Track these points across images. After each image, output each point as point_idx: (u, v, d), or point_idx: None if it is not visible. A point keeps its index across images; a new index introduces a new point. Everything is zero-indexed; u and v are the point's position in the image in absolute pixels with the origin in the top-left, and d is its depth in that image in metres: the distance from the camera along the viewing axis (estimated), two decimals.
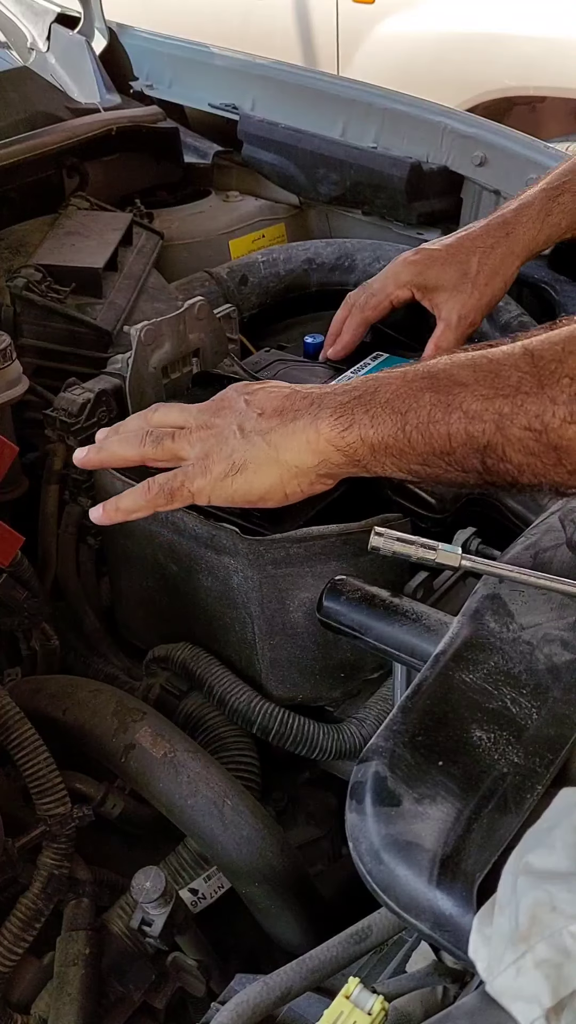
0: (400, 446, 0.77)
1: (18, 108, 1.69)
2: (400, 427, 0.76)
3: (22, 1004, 0.94)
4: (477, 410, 0.72)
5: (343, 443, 0.80)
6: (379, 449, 0.78)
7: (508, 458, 0.72)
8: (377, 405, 0.78)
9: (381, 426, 0.77)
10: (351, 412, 0.79)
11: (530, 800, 0.62)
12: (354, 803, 0.64)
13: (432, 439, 0.75)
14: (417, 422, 0.75)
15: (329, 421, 0.80)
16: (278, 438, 0.83)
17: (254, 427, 0.84)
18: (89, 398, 1.22)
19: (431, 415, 0.74)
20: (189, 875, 1.02)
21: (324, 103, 1.78)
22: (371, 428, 0.78)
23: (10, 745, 0.95)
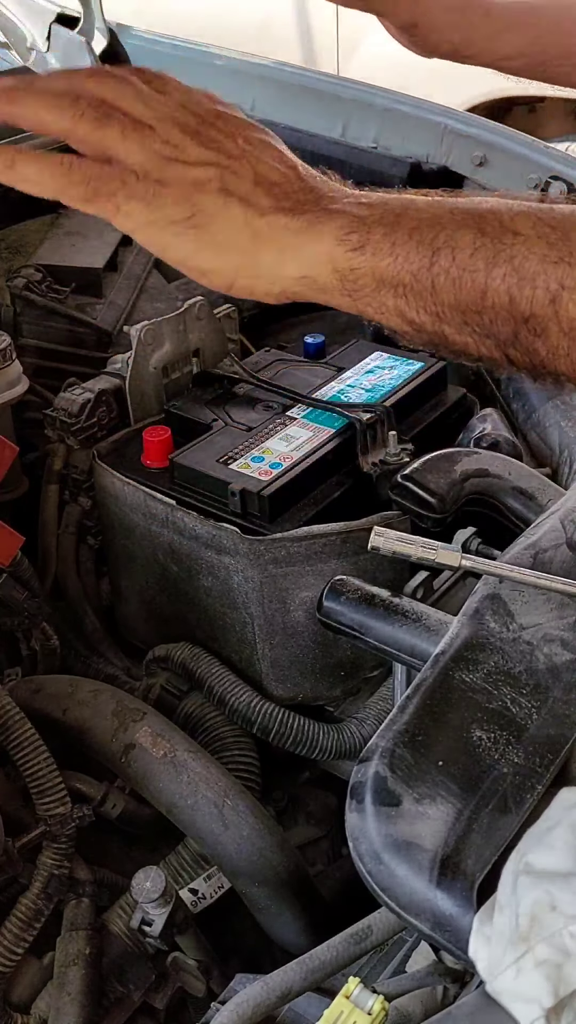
0: (418, 288, 0.61)
1: None
2: (426, 265, 0.61)
3: (22, 1004, 0.94)
4: (531, 271, 0.59)
5: (345, 265, 0.62)
6: (387, 283, 0.62)
7: (548, 336, 0.59)
8: (402, 230, 0.61)
9: (402, 257, 0.61)
10: (368, 230, 0.62)
11: (530, 800, 0.62)
12: (354, 803, 0.64)
13: (462, 289, 0.60)
14: (449, 265, 0.60)
15: (337, 233, 0.62)
16: (264, 226, 0.63)
17: (243, 193, 0.63)
18: (89, 398, 1.22)
19: (471, 260, 0.60)
20: (189, 875, 1.02)
21: (324, 103, 1.78)
22: (389, 256, 0.61)
23: (10, 745, 0.95)
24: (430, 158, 1.66)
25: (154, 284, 1.54)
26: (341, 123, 1.76)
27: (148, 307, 1.48)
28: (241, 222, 0.63)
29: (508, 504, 1.07)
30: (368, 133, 1.73)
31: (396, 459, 1.12)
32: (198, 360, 1.29)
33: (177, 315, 1.25)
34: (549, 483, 0.99)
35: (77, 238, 1.52)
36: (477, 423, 1.23)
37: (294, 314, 1.67)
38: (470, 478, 1.01)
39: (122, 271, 1.51)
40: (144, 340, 1.21)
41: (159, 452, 1.15)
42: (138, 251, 1.58)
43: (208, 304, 1.28)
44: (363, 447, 1.13)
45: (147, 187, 0.62)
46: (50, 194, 0.63)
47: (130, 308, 1.46)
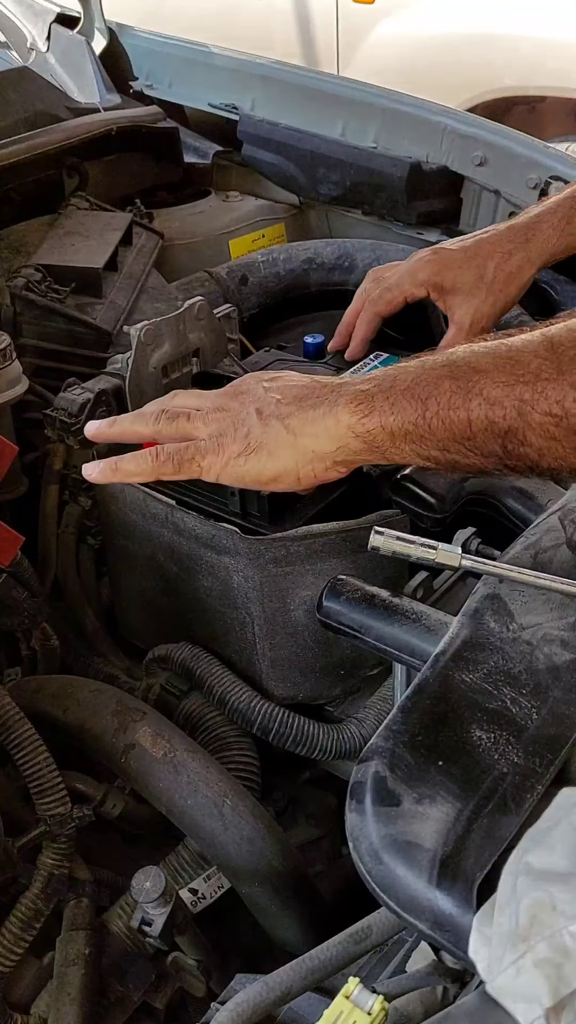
0: (420, 432, 0.78)
1: (18, 108, 1.69)
2: (420, 413, 0.77)
3: (22, 1004, 0.94)
4: (497, 396, 0.74)
5: (363, 429, 0.81)
6: (399, 435, 0.79)
7: (529, 442, 0.74)
8: (397, 392, 0.79)
9: (401, 413, 0.78)
10: (371, 399, 0.80)
11: (530, 800, 0.62)
12: (354, 803, 0.64)
13: (452, 425, 0.76)
14: (437, 408, 0.77)
15: (349, 408, 0.81)
16: (296, 423, 0.84)
17: (273, 411, 0.85)
18: (89, 398, 1.22)
19: (451, 401, 0.76)
20: (189, 875, 1.02)
21: (324, 103, 1.78)
22: (391, 415, 0.79)
23: (10, 745, 0.95)
24: (430, 158, 1.66)
25: (154, 284, 1.54)
26: (341, 123, 1.76)
27: (148, 307, 1.48)
28: (281, 429, 0.85)
29: (507, 504, 1.07)
30: (368, 133, 1.74)
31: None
32: (198, 360, 1.29)
33: (177, 315, 1.25)
34: (549, 483, 0.99)
35: (77, 238, 1.53)
36: None
37: (294, 314, 1.67)
38: (470, 478, 1.01)
39: (122, 271, 1.51)
40: (144, 340, 1.21)
41: None
42: (138, 251, 1.58)
43: (208, 304, 1.28)
44: None
45: (211, 443, 0.87)
46: (149, 477, 0.91)
47: (130, 308, 1.46)
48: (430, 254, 1.24)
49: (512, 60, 3.17)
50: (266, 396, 0.87)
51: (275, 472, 0.87)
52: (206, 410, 0.90)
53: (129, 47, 2.04)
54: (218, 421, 0.88)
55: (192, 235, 1.75)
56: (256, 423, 0.86)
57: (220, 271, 1.60)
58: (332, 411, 0.82)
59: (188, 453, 0.88)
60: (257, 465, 0.86)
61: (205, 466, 0.88)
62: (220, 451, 0.87)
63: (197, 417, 0.90)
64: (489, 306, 1.21)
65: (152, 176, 1.85)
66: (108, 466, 0.92)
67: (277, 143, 1.77)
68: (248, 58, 1.93)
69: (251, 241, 1.81)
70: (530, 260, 1.21)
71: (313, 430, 0.84)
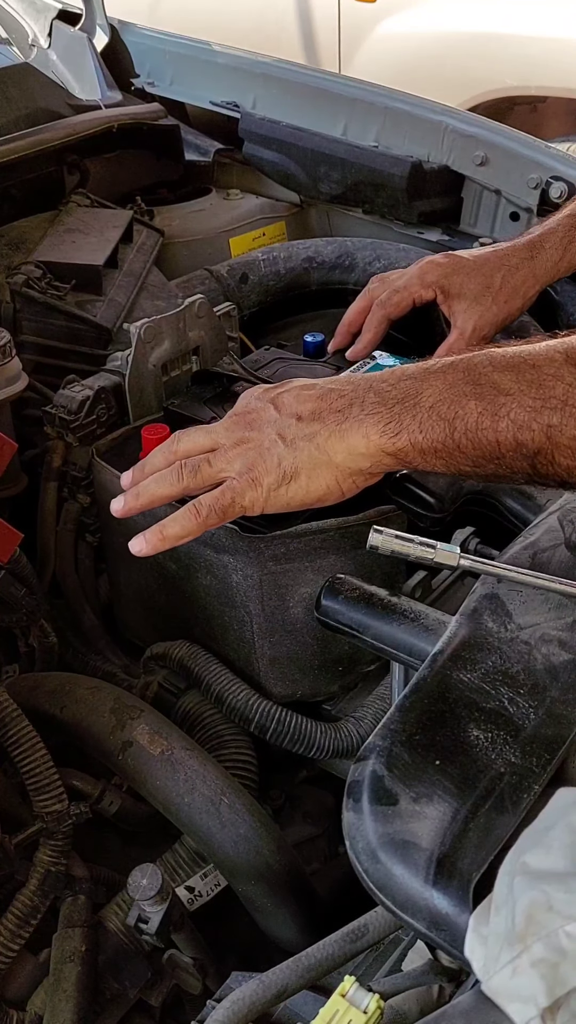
0: (449, 450, 0.78)
1: (19, 104, 1.69)
2: (448, 434, 0.78)
3: (18, 1000, 0.94)
4: (525, 420, 0.74)
5: (393, 448, 0.80)
6: (429, 452, 0.79)
7: (558, 463, 0.75)
8: (423, 411, 0.79)
9: (430, 432, 0.78)
10: (399, 418, 0.80)
11: (527, 800, 0.62)
12: (351, 802, 0.64)
13: (481, 445, 0.77)
14: (465, 428, 0.77)
15: (377, 428, 0.80)
16: (327, 443, 0.83)
17: (297, 433, 0.84)
18: (88, 395, 1.22)
19: (479, 423, 0.76)
20: (186, 873, 1.02)
21: (325, 101, 1.78)
22: (420, 434, 0.79)
23: (7, 742, 0.95)
24: (431, 157, 1.66)
25: (154, 281, 1.54)
26: (342, 122, 1.76)
27: (148, 305, 1.48)
28: (312, 450, 0.83)
29: (506, 504, 1.07)
30: (369, 132, 1.74)
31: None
32: (198, 358, 1.29)
33: (177, 313, 1.25)
34: None
35: (77, 235, 1.52)
36: None
37: (294, 313, 1.67)
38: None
39: (122, 268, 1.51)
40: (144, 338, 1.21)
41: None
42: (138, 249, 1.58)
43: (208, 302, 1.28)
44: None
45: (244, 480, 0.85)
46: (198, 533, 0.88)
47: (130, 305, 1.46)
48: (441, 258, 1.25)
49: (513, 60, 3.17)
50: (282, 419, 0.85)
51: (320, 492, 0.85)
52: (223, 447, 0.87)
53: (130, 44, 2.03)
54: (242, 456, 0.86)
55: (193, 233, 1.75)
56: (284, 449, 0.84)
57: (220, 269, 1.60)
58: (360, 428, 0.81)
59: (226, 498, 0.86)
60: (300, 490, 0.85)
61: (248, 504, 0.86)
62: (256, 485, 0.85)
63: (218, 458, 0.87)
64: (492, 315, 1.21)
65: (153, 173, 1.85)
66: (155, 536, 0.89)
67: (278, 141, 1.77)
68: (250, 56, 1.93)
69: (251, 239, 1.81)
70: (535, 275, 1.22)
71: (344, 447, 0.82)
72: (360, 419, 0.81)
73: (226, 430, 0.88)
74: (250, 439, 0.86)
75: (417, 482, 1.02)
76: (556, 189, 1.49)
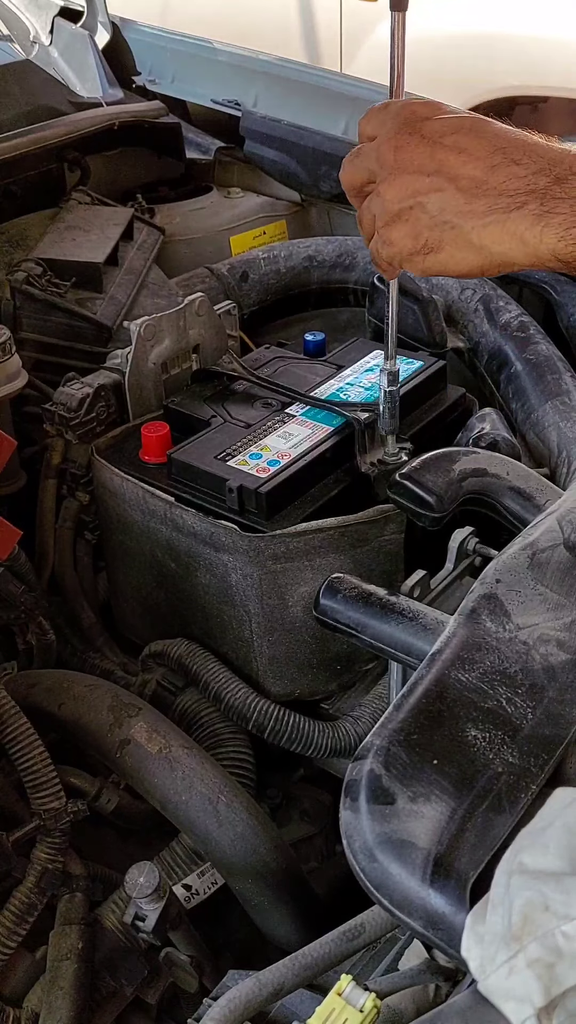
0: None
1: (20, 101, 1.69)
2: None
3: (14, 998, 0.94)
4: None
5: (570, 255, 0.69)
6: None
7: None
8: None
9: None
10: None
11: (524, 800, 0.62)
12: (348, 801, 0.64)
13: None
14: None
15: (558, 232, 0.68)
16: (488, 235, 0.71)
17: (457, 209, 0.72)
18: (88, 393, 1.22)
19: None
20: (183, 871, 1.02)
21: (327, 100, 1.78)
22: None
23: (5, 739, 0.95)
24: None
25: (154, 279, 1.54)
26: (343, 120, 1.76)
27: (148, 302, 1.48)
28: (466, 234, 0.72)
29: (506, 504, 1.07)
30: None
31: (394, 459, 1.12)
32: (197, 356, 1.29)
33: (177, 311, 1.25)
34: (547, 483, 0.99)
35: (78, 232, 1.52)
36: (476, 422, 1.23)
37: (294, 311, 1.67)
38: (468, 477, 1.01)
39: (122, 266, 1.51)
40: (144, 336, 1.21)
41: (157, 448, 1.15)
42: (139, 246, 1.58)
43: (208, 300, 1.28)
44: (361, 447, 1.13)
45: (382, 236, 0.77)
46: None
47: (130, 303, 1.46)
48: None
49: (515, 60, 3.17)
50: (442, 182, 0.73)
51: (459, 271, 0.75)
52: (379, 172, 0.78)
53: (132, 42, 2.03)
54: (385, 202, 0.76)
55: (193, 231, 1.75)
56: (427, 224, 0.74)
57: (221, 267, 1.60)
58: (535, 226, 0.68)
59: (376, 255, 0.79)
60: (438, 265, 0.75)
61: (387, 262, 0.78)
62: (391, 245, 0.76)
63: (375, 193, 0.78)
64: None
65: (154, 171, 1.85)
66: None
67: (279, 140, 1.77)
68: (251, 54, 1.93)
69: (252, 238, 1.81)
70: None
71: (507, 241, 0.70)
72: (538, 215, 0.69)
73: (378, 163, 0.78)
74: (391, 187, 0.76)
75: (416, 481, 1.02)
76: None
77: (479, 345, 1.43)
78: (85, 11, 2.01)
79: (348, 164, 0.82)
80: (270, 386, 1.22)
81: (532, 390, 1.30)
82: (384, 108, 0.80)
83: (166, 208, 1.77)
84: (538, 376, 1.31)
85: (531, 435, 1.27)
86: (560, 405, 1.25)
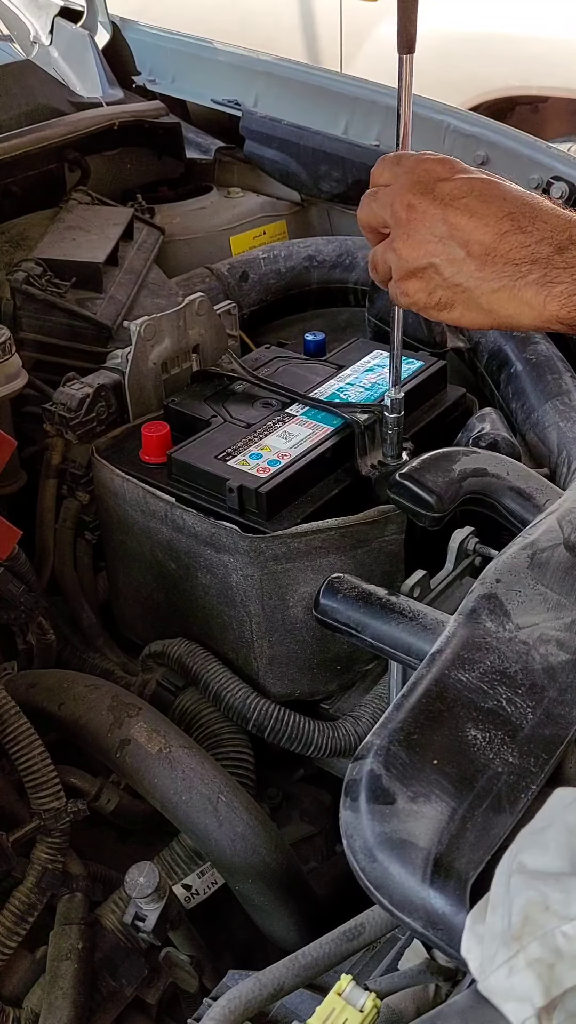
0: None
1: (20, 101, 1.69)
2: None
3: (14, 998, 0.94)
4: None
5: (572, 320, 0.73)
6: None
7: None
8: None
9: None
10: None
11: (524, 800, 0.62)
12: (348, 800, 0.64)
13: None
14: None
15: (561, 299, 0.72)
16: (496, 300, 0.75)
17: (468, 275, 0.76)
18: (88, 393, 1.22)
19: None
20: (183, 871, 1.02)
21: (327, 100, 1.78)
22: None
23: (5, 739, 0.95)
24: None
25: (155, 279, 1.54)
26: (344, 120, 1.76)
27: (148, 302, 1.48)
28: (475, 298, 0.76)
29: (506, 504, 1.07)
30: (370, 131, 1.73)
31: (394, 461, 1.12)
32: (198, 356, 1.29)
33: (177, 311, 1.25)
34: (547, 483, 0.99)
35: (78, 232, 1.52)
36: (476, 422, 1.23)
37: (294, 311, 1.66)
38: (468, 477, 1.01)
39: (123, 266, 1.51)
40: (144, 335, 1.21)
41: (158, 448, 1.15)
42: (139, 246, 1.58)
43: (208, 300, 1.28)
44: (361, 449, 1.13)
45: (399, 286, 0.81)
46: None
47: (130, 303, 1.46)
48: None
49: (515, 60, 3.17)
50: (453, 245, 0.76)
51: (468, 325, 0.79)
52: (392, 220, 0.80)
53: (132, 42, 2.03)
54: (399, 257, 0.80)
55: (193, 231, 1.75)
56: (439, 283, 0.78)
57: (221, 267, 1.60)
58: (540, 294, 0.73)
59: (393, 292, 0.82)
60: (448, 318, 0.79)
61: (405, 305, 0.82)
62: (407, 295, 0.80)
63: (388, 240, 0.81)
64: None
65: (154, 171, 1.85)
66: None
67: (279, 140, 1.77)
68: (251, 54, 1.93)
69: (252, 238, 1.81)
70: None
71: (514, 306, 0.74)
72: (541, 284, 0.73)
73: (398, 197, 0.80)
74: (406, 246, 0.79)
75: (417, 481, 1.02)
76: (557, 189, 1.49)
77: (479, 345, 1.43)
78: (85, 11, 2.01)
79: (364, 206, 0.85)
80: (270, 386, 1.22)
81: (532, 390, 1.30)
82: (397, 161, 0.83)
83: (166, 208, 1.77)
84: (538, 376, 1.31)
85: (531, 435, 1.27)
86: (560, 405, 1.25)
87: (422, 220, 0.78)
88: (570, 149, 2.70)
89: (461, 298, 0.78)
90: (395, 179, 0.81)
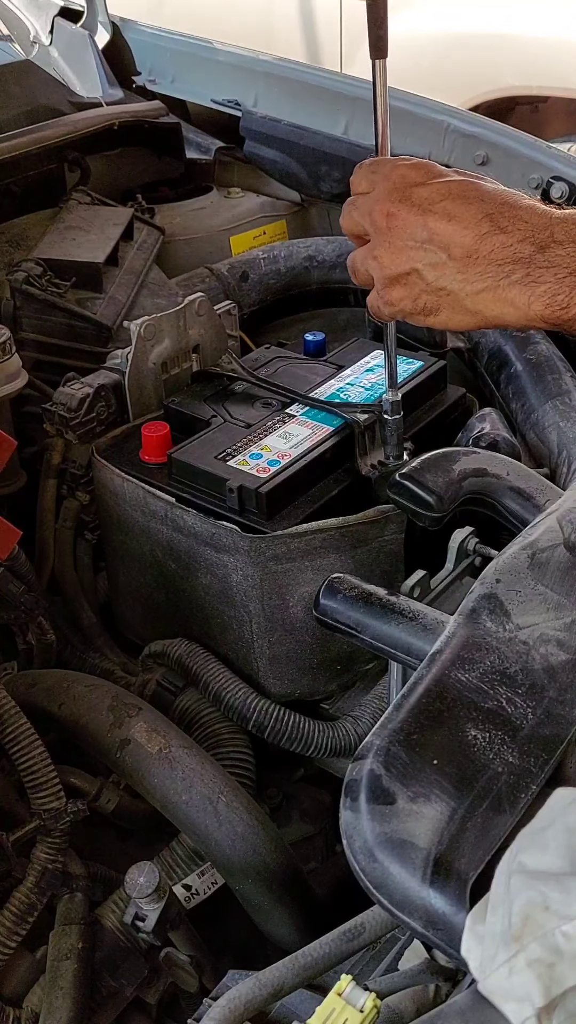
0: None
1: (20, 101, 1.69)
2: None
3: (14, 998, 0.94)
4: None
5: (555, 319, 0.73)
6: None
7: None
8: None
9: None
10: (569, 293, 0.72)
11: (524, 800, 0.62)
12: (348, 800, 0.64)
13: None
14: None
15: (543, 299, 0.72)
16: (481, 301, 0.75)
17: (451, 278, 0.76)
18: (88, 393, 1.22)
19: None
20: (183, 871, 1.02)
21: (327, 100, 1.78)
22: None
23: (5, 739, 0.95)
24: (432, 156, 1.65)
25: (155, 279, 1.54)
26: (344, 120, 1.76)
27: (148, 302, 1.48)
28: (460, 300, 0.76)
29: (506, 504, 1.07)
30: (371, 131, 1.72)
31: (394, 461, 1.12)
32: (198, 356, 1.29)
33: (177, 311, 1.25)
34: (547, 483, 0.99)
35: (78, 232, 1.52)
36: (476, 422, 1.23)
37: (294, 311, 1.66)
38: (468, 477, 1.01)
39: (123, 266, 1.51)
40: (144, 336, 1.21)
41: (158, 448, 1.15)
42: (139, 246, 1.58)
43: (208, 300, 1.28)
44: (361, 450, 1.13)
45: (382, 295, 0.81)
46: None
47: (130, 303, 1.46)
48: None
49: (515, 60, 3.17)
50: (434, 250, 0.76)
51: (455, 328, 0.80)
52: (372, 229, 0.81)
53: (132, 42, 2.03)
54: (380, 266, 0.80)
55: (193, 231, 1.75)
56: (423, 289, 0.78)
57: (221, 267, 1.60)
58: (524, 294, 0.73)
59: (373, 306, 0.82)
60: (434, 322, 0.79)
61: (387, 316, 0.82)
62: (391, 305, 0.80)
63: (367, 246, 0.82)
64: None
65: (154, 171, 1.85)
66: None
67: (279, 140, 1.77)
68: (251, 54, 1.93)
69: (252, 238, 1.81)
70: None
71: (499, 307, 0.75)
72: (525, 284, 0.73)
73: (372, 226, 0.81)
74: (386, 254, 0.79)
75: (417, 481, 1.02)
76: (557, 189, 1.49)
77: (479, 345, 1.43)
78: (85, 11, 2.01)
79: (346, 215, 0.86)
80: (270, 386, 1.22)
81: (532, 390, 1.30)
82: (374, 168, 0.83)
83: (166, 208, 1.77)
84: (538, 376, 1.31)
85: (531, 435, 1.27)
86: (560, 405, 1.25)
87: (402, 227, 0.78)
88: (570, 149, 2.70)
89: (446, 302, 0.78)
90: (372, 186, 0.82)
